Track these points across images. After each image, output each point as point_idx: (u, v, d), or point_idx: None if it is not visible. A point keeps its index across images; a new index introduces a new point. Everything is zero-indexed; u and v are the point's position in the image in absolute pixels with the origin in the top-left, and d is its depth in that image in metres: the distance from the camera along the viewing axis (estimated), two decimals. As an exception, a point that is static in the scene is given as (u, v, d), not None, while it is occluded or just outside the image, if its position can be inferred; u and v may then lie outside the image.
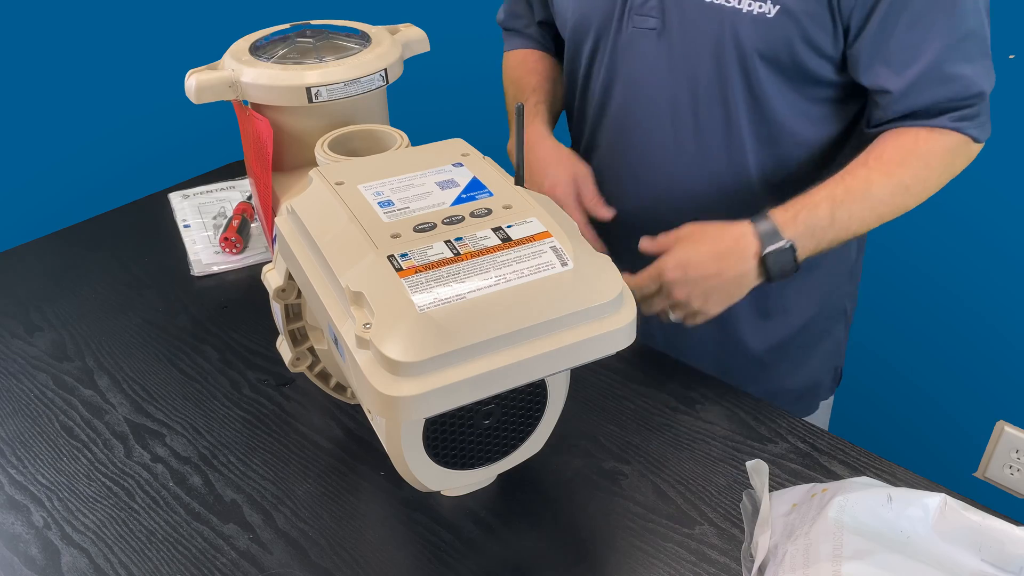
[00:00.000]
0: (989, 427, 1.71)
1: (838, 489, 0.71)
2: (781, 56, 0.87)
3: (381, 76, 0.94)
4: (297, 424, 0.88)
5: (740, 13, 0.86)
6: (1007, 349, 1.64)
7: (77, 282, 1.10)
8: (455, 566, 0.73)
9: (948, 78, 0.86)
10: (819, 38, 0.86)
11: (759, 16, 0.85)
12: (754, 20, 0.86)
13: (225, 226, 1.15)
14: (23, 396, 0.92)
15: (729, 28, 0.87)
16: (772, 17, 0.85)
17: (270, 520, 0.77)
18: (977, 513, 0.67)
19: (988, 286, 1.60)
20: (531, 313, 0.60)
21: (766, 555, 0.70)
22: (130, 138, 1.69)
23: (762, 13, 0.85)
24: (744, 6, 0.86)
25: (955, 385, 1.72)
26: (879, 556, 0.65)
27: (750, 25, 0.86)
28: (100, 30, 1.60)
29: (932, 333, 1.71)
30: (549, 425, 0.74)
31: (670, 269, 0.86)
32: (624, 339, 0.64)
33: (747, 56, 0.88)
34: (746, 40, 0.87)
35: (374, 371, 0.58)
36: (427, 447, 0.67)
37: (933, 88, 0.86)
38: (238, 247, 1.14)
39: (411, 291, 0.60)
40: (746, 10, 0.86)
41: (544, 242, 0.65)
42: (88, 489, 0.81)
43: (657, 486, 0.80)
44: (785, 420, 0.88)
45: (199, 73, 0.92)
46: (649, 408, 0.89)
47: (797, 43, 0.86)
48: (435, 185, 0.71)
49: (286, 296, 0.78)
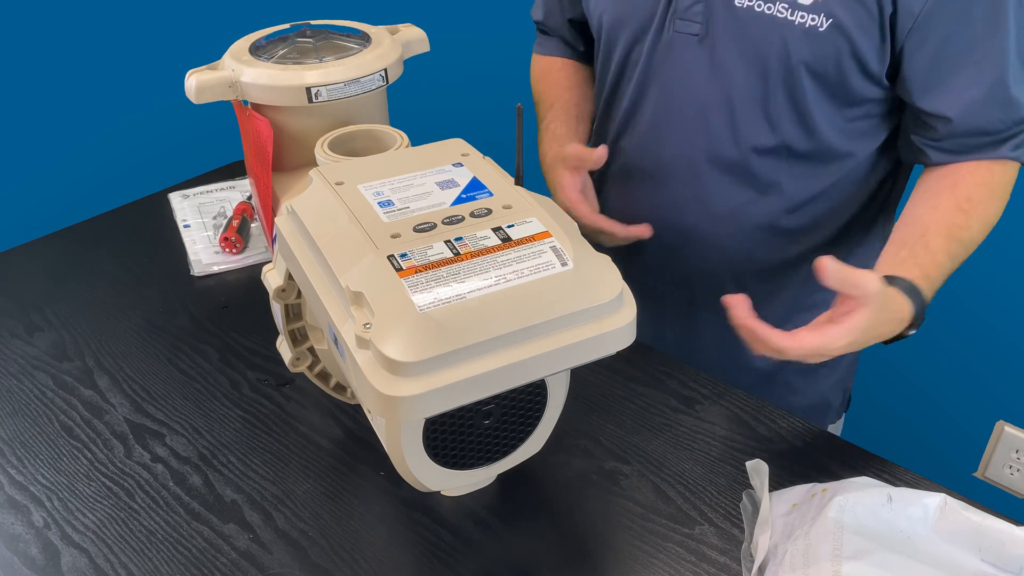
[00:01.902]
0: (989, 427, 1.71)
1: (838, 489, 0.71)
2: (829, 71, 0.86)
3: (381, 76, 0.94)
4: (297, 424, 0.88)
5: (792, 25, 0.84)
6: (1007, 349, 1.64)
7: (77, 282, 1.10)
8: (455, 566, 0.73)
9: (1007, 101, 0.84)
10: (868, 55, 0.84)
11: (811, 29, 0.84)
12: (805, 33, 0.84)
13: (225, 226, 1.15)
14: (23, 396, 0.92)
15: (778, 39, 0.85)
16: (823, 31, 0.83)
17: (270, 520, 0.77)
18: (977, 513, 0.67)
19: (988, 286, 1.60)
20: (531, 313, 0.60)
21: (766, 555, 0.70)
22: (130, 138, 1.69)
23: (814, 26, 0.83)
24: (796, 18, 0.84)
25: (955, 385, 1.73)
26: (879, 556, 0.65)
27: (801, 38, 0.84)
28: (100, 30, 1.60)
29: (932, 333, 1.71)
30: (549, 425, 0.74)
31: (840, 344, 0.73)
32: (624, 339, 0.64)
33: (794, 69, 0.86)
34: (794, 53, 0.85)
35: (374, 371, 0.58)
36: (427, 447, 0.67)
37: (992, 112, 0.84)
38: (238, 247, 1.14)
39: (411, 291, 0.60)
40: (798, 22, 0.84)
41: (544, 242, 0.65)
42: (88, 489, 0.81)
43: (657, 486, 0.80)
44: (785, 420, 0.88)
45: (199, 73, 0.92)
46: (649, 408, 0.89)
47: (845, 58, 0.85)
48: (435, 185, 0.71)
49: (286, 296, 0.78)
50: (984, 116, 0.84)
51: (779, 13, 0.85)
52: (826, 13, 0.83)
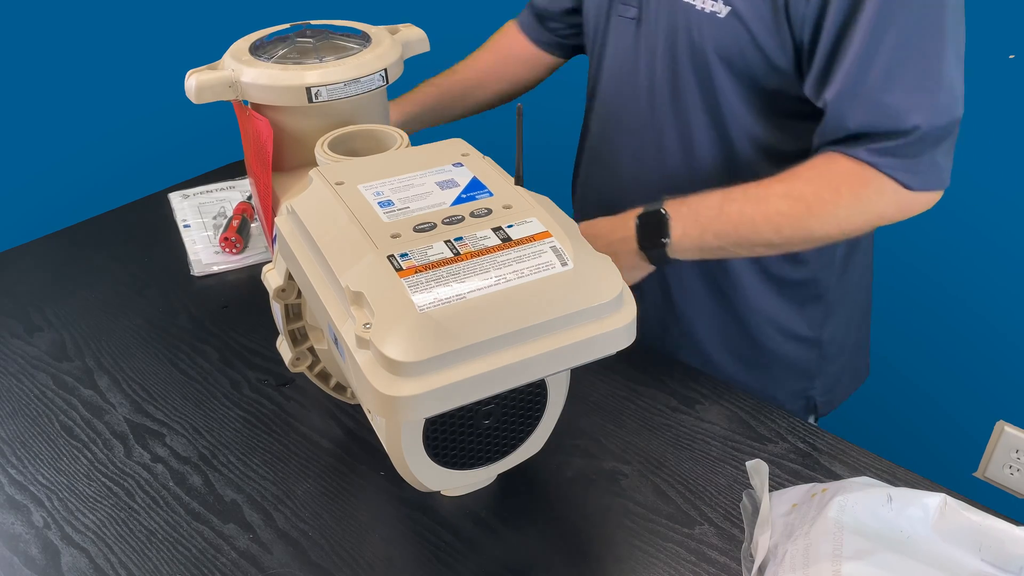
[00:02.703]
0: (989, 427, 1.71)
1: (838, 489, 0.71)
2: (734, 58, 0.88)
3: (381, 76, 0.94)
4: (297, 424, 0.88)
5: (693, 10, 0.88)
6: (1007, 349, 1.64)
7: (77, 282, 1.10)
8: (455, 566, 0.73)
9: (877, 104, 0.81)
10: (768, 45, 0.85)
11: (711, 15, 0.86)
12: (708, 19, 0.87)
13: (225, 226, 1.15)
14: (23, 396, 0.92)
15: (684, 23, 0.89)
16: (723, 18, 0.86)
17: (270, 520, 0.77)
18: (977, 513, 0.67)
19: (988, 286, 1.60)
20: (531, 313, 0.60)
21: (766, 555, 0.70)
22: (130, 138, 1.69)
23: (714, 12, 0.86)
24: (698, 3, 0.87)
25: (955, 385, 1.73)
26: (879, 556, 0.65)
27: (705, 23, 0.87)
28: (100, 30, 1.60)
29: (932, 333, 1.71)
30: (549, 425, 0.74)
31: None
32: (624, 339, 0.64)
33: (701, 52, 0.89)
34: (697, 38, 0.88)
35: (374, 371, 0.58)
36: (427, 447, 0.67)
37: (856, 111, 0.82)
38: (238, 247, 1.14)
39: (411, 291, 0.60)
40: (699, 7, 0.87)
41: (544, 242, 0.65)
42: (88, 489, 0.81)
43: (657, 486, 0.80)
44: (785, 420, 0.88)
45: (199, 73, 0.92)
46: (649, 408, 0.89)
47: (747, 47, 0.86)
48: (435, 185, 0.71)
49: (286, 296, 0.78)
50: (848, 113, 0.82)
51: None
52: (725, 1, 0.85)
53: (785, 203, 0.85)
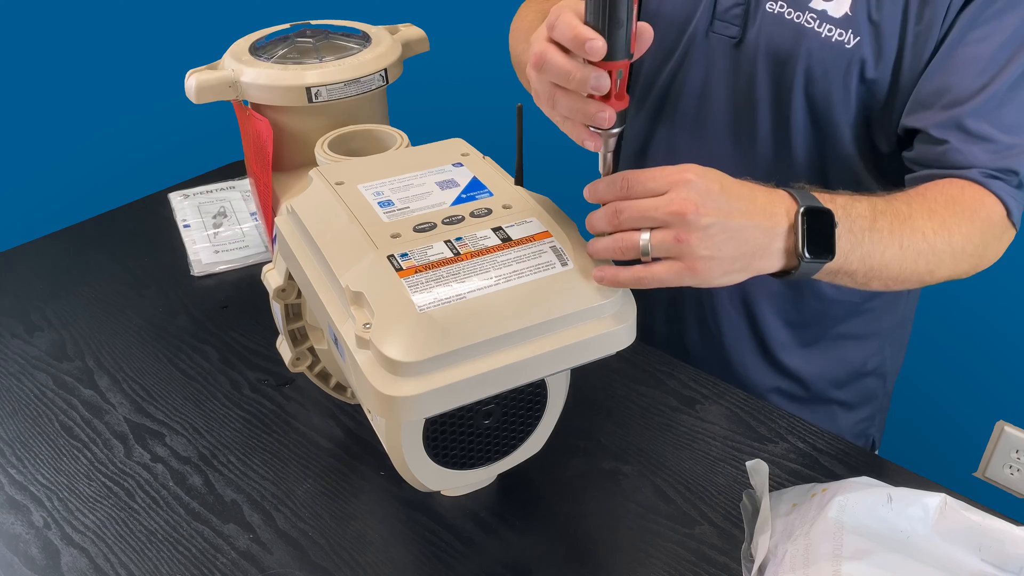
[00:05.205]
0: (989, 427, 1.71)
1: (838, 489, 0.71)
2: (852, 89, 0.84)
3: (381, 76, 0.94)
4: (297, 424, 0.88)
5: (818, 37, 0.83)
6: (1007, 349, 1.64)
7: (77, 282, 1.10)
8: (455, 566, 0.73)
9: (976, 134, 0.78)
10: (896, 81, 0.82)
11: (837, 44, 0.82)
12: (832, 47, 0.83)
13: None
14: (23, 396, 0.92)
15: (804, 50, 0.84)
16: (851, 48, 0.82)
17: (270, 520, 0.77)
18: (977, 513, 0.67)
19: (988, 286, 1.60)
20: (531, 313, 0.60)
21: (766, 555, 0.70)
22: (130, 138, 1.69)
23: (841, 42, 0.82)
24: (824, 31, 0.83)
25: (955, 385, 1.72)
26: (879, 556, 0.65)
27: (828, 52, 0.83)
28: (100, 30, 1.60)
29: (932, 333, 1.71)
30: (549, 425, 0.74)
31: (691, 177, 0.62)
32: (624, 339, 0.64)
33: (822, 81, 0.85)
34: (819, 67, 0.84)
35: (374, 371, 0.58)
36: (427, 447, 0.67)
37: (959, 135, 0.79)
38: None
39: (411, 291, 0.60)
40: (825, 34, 0.83)
41: (544, 242, 0.65)
42: (88, 489, 0.81)
43: (657, 486, 0.80)
44: (785, 420, 0.88)
45: (199, 73, 0.92)
46: (649, 408, 0.89)
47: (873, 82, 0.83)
48: (435, 185, 0.71)
49: (286, 296, 0.78)
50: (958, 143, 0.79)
51: (807, 23, 0.84)
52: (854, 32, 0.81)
53: (929, 227, 0.75)
